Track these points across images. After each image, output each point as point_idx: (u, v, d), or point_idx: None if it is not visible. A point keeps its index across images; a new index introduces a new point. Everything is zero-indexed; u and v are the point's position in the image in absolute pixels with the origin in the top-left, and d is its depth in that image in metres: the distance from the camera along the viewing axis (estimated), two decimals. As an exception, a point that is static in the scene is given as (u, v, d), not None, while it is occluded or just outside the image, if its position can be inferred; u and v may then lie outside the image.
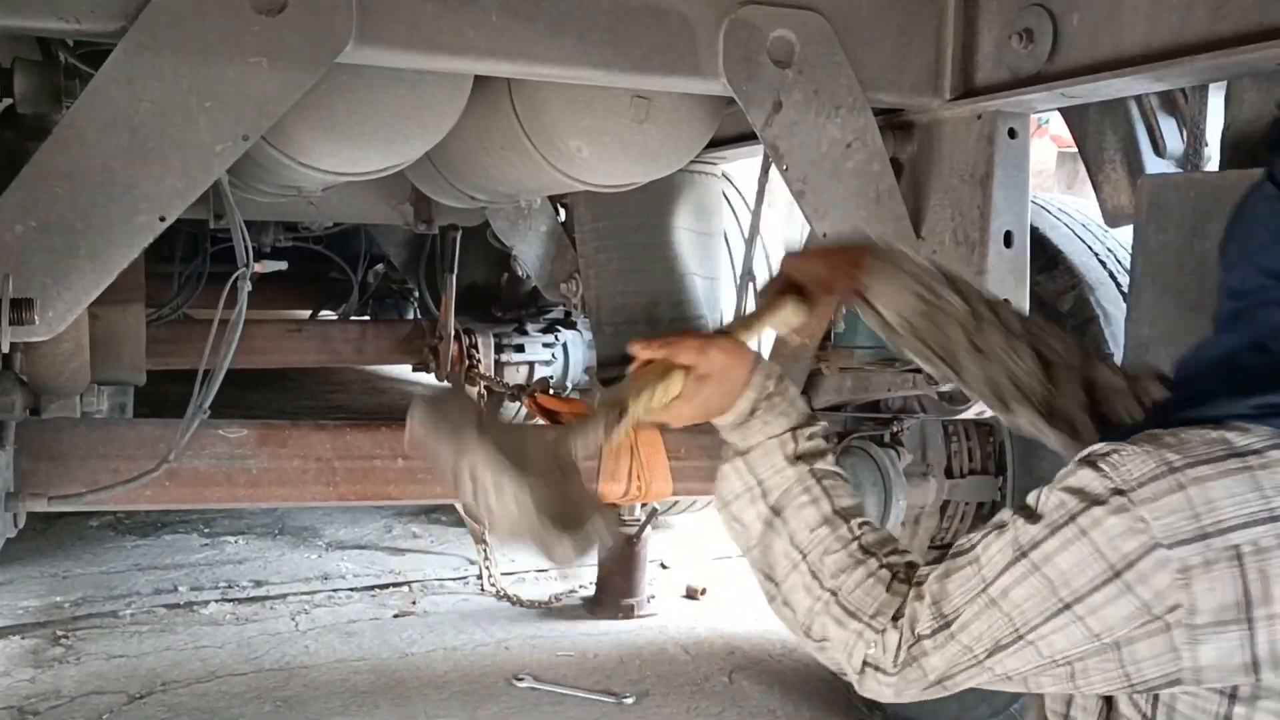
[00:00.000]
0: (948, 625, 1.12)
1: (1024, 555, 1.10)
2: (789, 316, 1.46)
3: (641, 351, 1.34)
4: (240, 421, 2.44)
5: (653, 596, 4.38)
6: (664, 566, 4.85)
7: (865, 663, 1.17)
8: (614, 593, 4.28)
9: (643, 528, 4.20)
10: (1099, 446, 1.12)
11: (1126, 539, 1.04)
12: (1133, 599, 1.04)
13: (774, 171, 2.26)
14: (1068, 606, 1.07)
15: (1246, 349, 1.15)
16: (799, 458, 1.29)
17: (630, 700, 3.51)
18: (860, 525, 1.25)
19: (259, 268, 6.57)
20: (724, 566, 4.86)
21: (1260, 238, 1.16)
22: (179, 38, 1.65)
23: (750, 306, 2.77)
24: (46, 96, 1.94)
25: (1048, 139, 9.49)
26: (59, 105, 1.96)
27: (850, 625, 1.18)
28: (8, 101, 1.97)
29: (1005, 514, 1.16)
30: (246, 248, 2.17)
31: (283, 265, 7.23)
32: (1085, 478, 1.09)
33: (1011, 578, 1.10)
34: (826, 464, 1.30)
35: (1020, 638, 1.10)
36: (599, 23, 1.86)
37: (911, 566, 1.21)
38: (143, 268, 2.94)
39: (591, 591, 4.41)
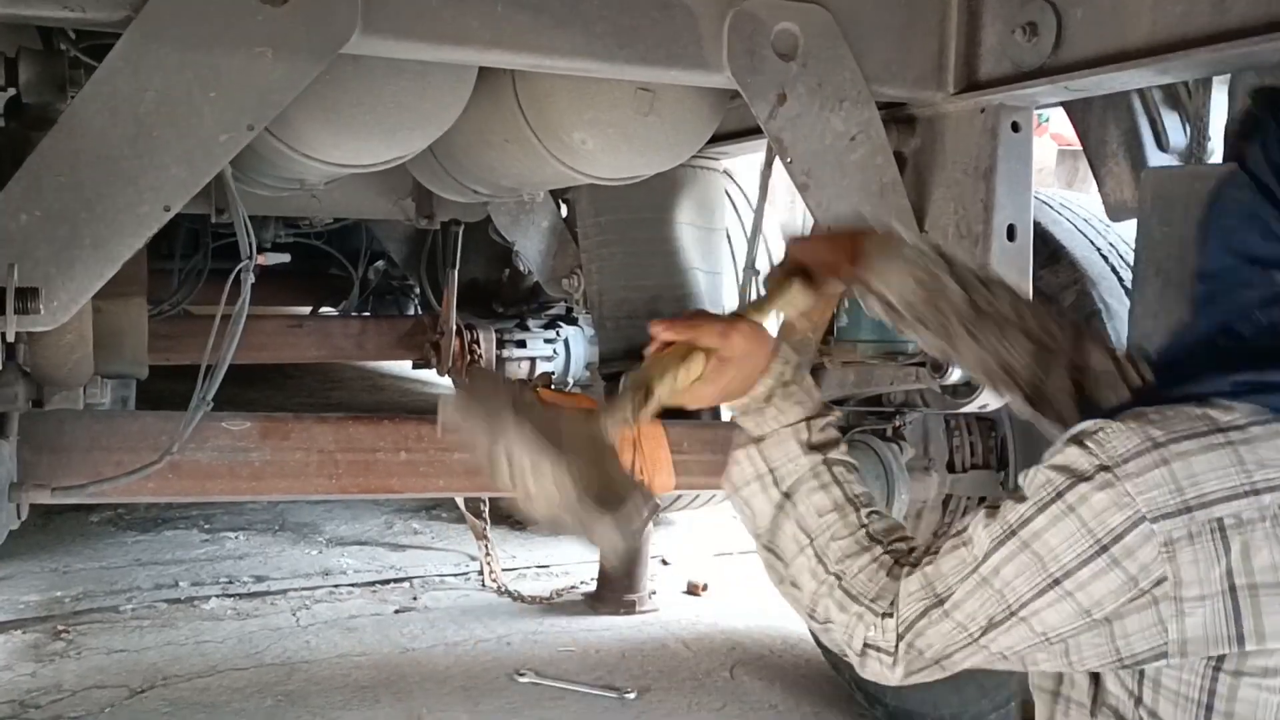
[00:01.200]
0: (941, 603, 1.14)
1: (1013, 533, 1.12)
2: (796, 299, 1.46)
3: (664, 333, 1.33)
4: (243, 414, 2.44)
5: (654, 592, 4.39)
6: (665, 563, 4.85)
7: (866, 645, 1.19)
8: (615, 588, 4.28)
9: (645, 523, 4.20)
10: (1085, 425, 1.13)
11: (1112, 514, 1.06)
12: (1119, 573, 1.06)
13: (773, 167, 2.26)
14: (1057, 582, 1.09)
15: (1217, 332, 1.18)
16: (813, 447, 1.30)
17: (632, 695, 3.51)
18: (869, 514, 1.27)
19: (261, 260, 6.54)
20: (725, 562, 4.86)
21: (1229, 222, 1.19)
22: (184, 27, 1.65)
23: (755, 295, 2.76)
24: (51, 86, 1.94)
25: (1048, 137, 9.48)
26: (63, 95, 1.95)
27: (852, 608, 1.20)
28: (12, 91, 1.97)
29: (999, 498, 1.18)
30: (250, 240, 2.17)
31: (285, 258, 7.22)
32: (1071, 455, 1.11)
33: (1002, 556, 1.12)
34: (839, 453, 1.32)
35: (1012, 614, 1.12)
36: (604, 14, 1.86)
37: (914, 552, 1.22)
38: (145, 261, 2.93)
39: (593, 587, 4.41)
